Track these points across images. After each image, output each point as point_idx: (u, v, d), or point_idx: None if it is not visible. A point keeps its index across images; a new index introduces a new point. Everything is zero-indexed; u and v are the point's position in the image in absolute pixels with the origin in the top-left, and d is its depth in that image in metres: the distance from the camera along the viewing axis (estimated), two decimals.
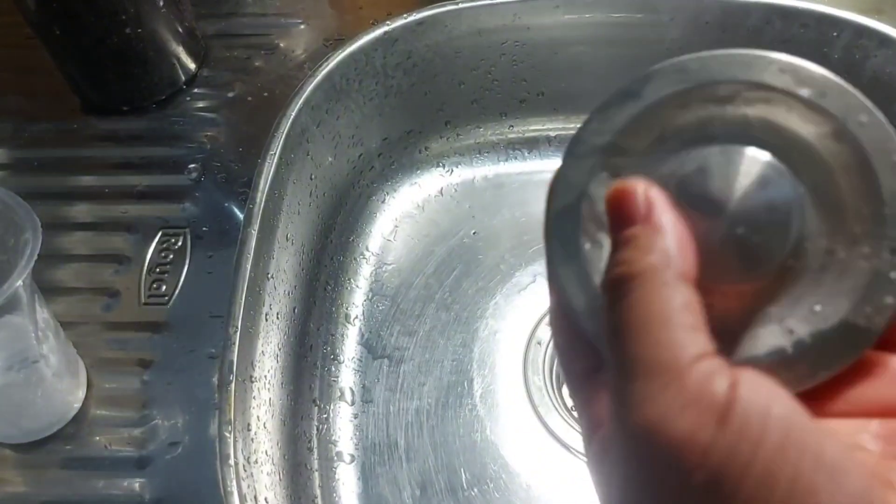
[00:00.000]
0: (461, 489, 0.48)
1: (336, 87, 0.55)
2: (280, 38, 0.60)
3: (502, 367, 0.53)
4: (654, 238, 0.18)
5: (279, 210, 0.49)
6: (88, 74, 0.55)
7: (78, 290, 0.47)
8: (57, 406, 0.41)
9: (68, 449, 0.41)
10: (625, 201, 0.19)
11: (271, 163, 0.48)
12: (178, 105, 0.56)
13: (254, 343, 0.44)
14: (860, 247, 0.19)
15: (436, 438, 0.50)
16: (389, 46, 0.56)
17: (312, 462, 0.49)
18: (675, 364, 0.16)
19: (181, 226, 0.49)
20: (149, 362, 0.44)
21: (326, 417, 0.51)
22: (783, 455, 0.15)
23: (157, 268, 0.47)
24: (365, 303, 0.56)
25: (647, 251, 0.18)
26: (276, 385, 0.47)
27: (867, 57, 0.54)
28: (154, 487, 0.40)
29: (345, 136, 0.57)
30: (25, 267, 0.34)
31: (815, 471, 0.15)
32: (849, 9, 0.54)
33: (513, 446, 0.49)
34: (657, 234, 0.18)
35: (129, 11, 0.51)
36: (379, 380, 0.53)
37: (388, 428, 0.51)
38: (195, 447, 0.41)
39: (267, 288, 0.46)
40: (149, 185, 0.52)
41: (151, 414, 0.42)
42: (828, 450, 0.16)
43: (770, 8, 0.55)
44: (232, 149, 0.53)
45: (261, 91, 0.56)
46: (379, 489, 0.49)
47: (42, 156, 0.54)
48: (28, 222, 0.35)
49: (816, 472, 0.15)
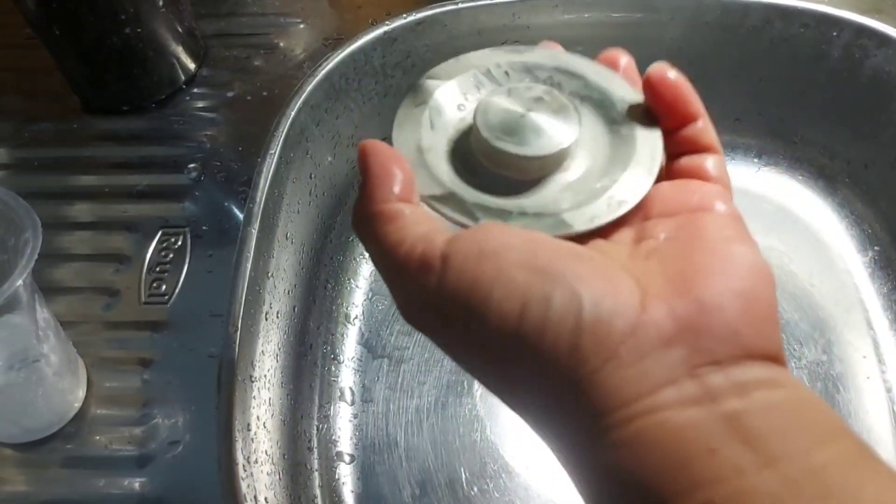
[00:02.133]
0: (461, 488, 0.48)
1: (335, 87, 0.55)
2: (279, 38, 0.60)
3: None
4: (384, 181, 0.25)
5: (279, 209, 0.49)
6: (88, 74, 0.55)
7: (78, 290, 0.47)
8: (57, 405, 0.41)
9: (69, 448, 0.41)
10: (362, 152, 0.26)
11: (271, 162, 0.48)
12: (177, 105, 0.56)
13: (254, 343, 0.44)
14: (604, 179, 0.26)
15: (436, 438, 0.50)
16: (389, 46, 0.56)
17: (312, 462, 0.49)
18: (405, 239, 0.23)
19: (181, 225, 0.49)
20: (149, 361, 0.44)
21: (326, 417, 0.51)
22: (495, 273, 0.21)
23: (157, 267, 0.47)
24: (365, 302, 0.56)
25: (381, 192, 0.25)
26: (276, 385, 0.47)
27: (867, 57, 0.54)
28: (154, 486, 0.40)
29: (344, 135, 0.57)
30: (26, 266, 0.34)
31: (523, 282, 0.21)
32: (849, 8, 0.54)
33: (513, 446, 0.49)
34: (387, 177, 0.25)
35: (129, 11, 0.51)
36: (379, 379, 0.53)
37: (388, 427, 0.51)
38: (195, 446, 0.41)
39: (267, 287, 0.46)
40: (149, 184, 0.52)
41: (152, 413, 0.42)
42: (530, 251, 0.22)
43: (770, 7, 0.55)
44: (231, 148, 0.53)
45: (260, 91, 0.56)
46: (379, 489, 0.49)
47: (42, 156, 0.54)
48: (28, 222, 0.35)
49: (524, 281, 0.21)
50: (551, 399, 0.21)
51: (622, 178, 0.26)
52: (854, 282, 0.56)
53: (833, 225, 0.59)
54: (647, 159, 0.26)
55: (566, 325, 0.20)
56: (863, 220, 0.58)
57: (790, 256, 0.56)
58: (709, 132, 0.27)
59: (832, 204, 0.59)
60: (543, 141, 0.26)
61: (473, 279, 0.21)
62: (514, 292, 0.21)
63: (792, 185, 0.60)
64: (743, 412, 0.19)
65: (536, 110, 0.27)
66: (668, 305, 0.20)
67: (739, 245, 0.23)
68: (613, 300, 0.20)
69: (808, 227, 0.58)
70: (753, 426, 0.19)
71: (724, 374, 0.20)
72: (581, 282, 0.21)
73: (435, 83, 0.29)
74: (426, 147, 0.27)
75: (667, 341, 0.20)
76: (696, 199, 0.25)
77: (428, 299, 0.22)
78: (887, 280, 0.55)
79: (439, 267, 0.22)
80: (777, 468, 0.18)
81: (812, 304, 0.54)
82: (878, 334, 0.54)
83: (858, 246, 0.57)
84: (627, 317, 0.20)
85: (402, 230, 0.24)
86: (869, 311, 0.55)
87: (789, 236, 0.58)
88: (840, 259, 0.57)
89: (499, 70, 0.29)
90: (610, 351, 0.20)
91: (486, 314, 0.21)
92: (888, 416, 0.50)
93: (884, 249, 0.57)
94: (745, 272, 0.22)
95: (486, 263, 0.21)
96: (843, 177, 0.59)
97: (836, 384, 0.51)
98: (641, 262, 0.23)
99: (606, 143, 0.27)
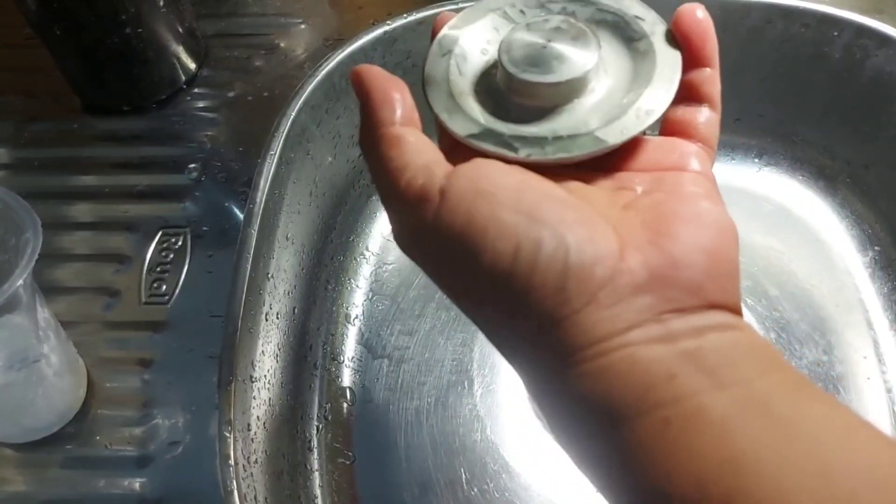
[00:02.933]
0: (461, 489, 0.48)
1: (336, 87, 0.55)
2: (280, 38, 0.60)
3: (502, 366, 0.53)
4: (385, 105, 0.26)
5: (279, 210, 0.49)
6: (88, 74, 0.55)
7: (78, 290, 0.47)
8: (57, 405, 0.41)
9: (69, 448, 0.41)
10: (357, 77, 0.27)
11: (271, 162, 0.48)
12: (178, 105, 0.56)
13: (254, 343, 0.44)
14: (625, 102, 0.27)
15: (436, 438, 0.50)
16: (389, 46, 0.56)
17: (312, 462, 0.49)
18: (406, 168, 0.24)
19: (181, 225, 0.49)
20: (149, 362, 0.44)
21: (326, 417, 0.51)
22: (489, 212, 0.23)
23: (157, 267, 0.47)
24: (365, 302, 0.56)
25: (383, 114, 0.26)
26: (276, 385, 0.47)
27: (867, 57, 0.54)
28: (154, 487, 0.40)
29: (345, 135, 0.57)
30: (26, 267, 0.34)
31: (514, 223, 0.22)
32: (849, 9, 0.54)
33: (513, 446, 0.50)
34: (387, 101, 0.26)
35: (129, 11, 0.51)
36: (379, 379, 0.53)
37: (388, 427, 0.51)
38: (195, 447, 0.41)
39: (267, 288, 0.46)
40: (149, 184, 0.52)
41: (152, 413, 0.42)
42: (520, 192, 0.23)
43: (770, 7, 0.55)
44: (232, 148, 0.53)
45: (261, 91, 0.56)
46: (379, 489, 0.49)
47: (42, 156, 0.54)
48: (28, 222, 0.35)
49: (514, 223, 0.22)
50: (531, 334, 0.23)
51: (646, 91, 0.27)
52: (854, 282, 0.56)
53: (833, 225, 0.59)
54: (668, 69, 0.28)
55: (555, 268, 0.22)
56: (863, 220, 0.58)
57: (790, 256, 0.56)
58: (714, 84, 0.28)
59: (832, 204, 0.59)
60: (567, 66, 0.27)
61: (468, 217, 0.23)
62: (507, 234, 0.22)
63: (792, 186, 0.60)
64: (699, 348, 0.22)
65: (556, 40, 0.28)
66: (642, 256, 0.22)
67: (708, 203, 0.24)
68: (595, 247, 0.22)
69: (808, 227, 0.58)
70: (708, 359, 0.21)
71: (686, 320, 0.22)
72: (567, 228, 0.22)
73: (456, 33, 0.30)
74: (457, 92, 0.28)
75: (638, 288, 0.22)
76: (674, 158, 0.26)
77: (423, 231, 0.24)
78: (887, 280, 0.55)
79: (437, 201, 0.23)
80: (727, 391, 0.21)
81: (812, 304, 0.54)
82: (878, 334, 0.54)
83: (858, 246, 0.57)
84: (607, 264, 0.22)
85: (404, 156, 0.25)
86: (869, 311, 0.55)
87: (789, 236, 0.58)
88: (840, 259, 0.57)
89: (514, 10, 0.31)
90: (590, 294, 0.22)
91: (481, 252, 0.22)
92: (888, 416, 0.50)
93: (884, 249, 0.57)
94: (713, 230, 0.24)
95: (481, 202, 0.23)
96: (843, 177, 0.59)
97: (837, 385, 0.51)
98: (619, 212, 0.24)
99: (627, 61, 0.29)
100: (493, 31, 0.30)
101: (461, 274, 0.24)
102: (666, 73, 0.28)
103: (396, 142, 0.25)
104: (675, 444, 0.21)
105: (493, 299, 0.23)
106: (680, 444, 0.21)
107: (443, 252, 0.24)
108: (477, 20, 0.31)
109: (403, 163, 0.25)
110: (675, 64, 0.28)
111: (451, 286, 0.25)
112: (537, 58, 0.27)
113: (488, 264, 0.22)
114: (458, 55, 0.30)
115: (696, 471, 0.20)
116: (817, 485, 0.19)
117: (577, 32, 0.28)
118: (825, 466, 0.20)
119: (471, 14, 0.31)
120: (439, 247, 0.24)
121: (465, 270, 0.23)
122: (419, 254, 0.25)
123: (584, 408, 0.22)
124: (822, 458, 0.20)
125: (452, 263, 0.24)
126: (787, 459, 0.20)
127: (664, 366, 0.21)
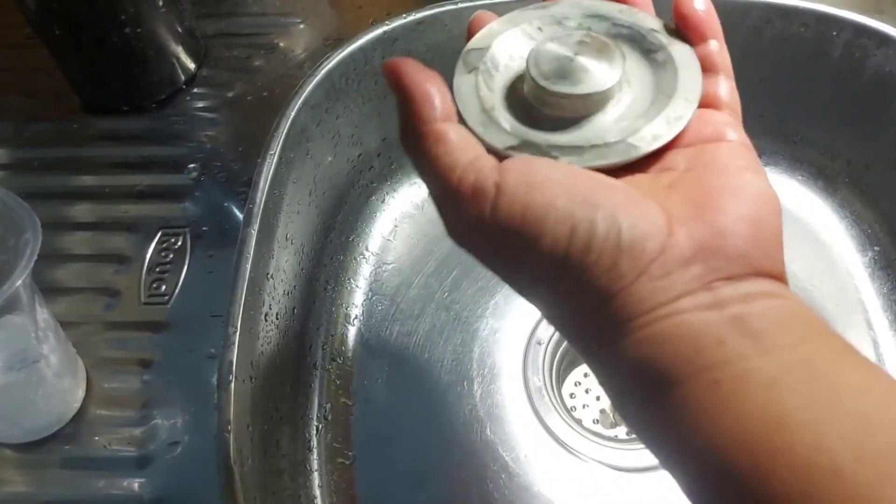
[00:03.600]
0: (461, 489, 0.48)
1: (336, 87, 0.55)
2: (280, 38, 0.60)
3: (502, 366, 0.53)
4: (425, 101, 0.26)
5: (279, 210, 0.49)
6: (88, 74, 0.55)
7: (78, 290, 0.47)
8: (57, 406, 0.41)
9: (68, 449, 0.41)
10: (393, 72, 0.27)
11: (271, 162, 0.48)
12: (177, 105, 0.56)
13: (254, 343, 0.44)
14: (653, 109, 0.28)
15: (435, 438, 0.50)
16: (389, 46, 0.56)
17: (312, 462, 0.49)
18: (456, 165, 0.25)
19: (181, 225, 0.49)
20: (149, 362, 0.44)
21: (326, 417, 0.51)
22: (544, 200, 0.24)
23: (157, 267, 0.47)
24: (365, 303, 0.56)
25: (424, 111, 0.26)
26: (277, 385, 0.47)
27: (867, 56, 0.54)
28: (154, 487, 0.40)
29: (344, 135, 0.57)
30: (25, 267, 0.34)
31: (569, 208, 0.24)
32: (849, 8, 0.54)
33: (513, 446, 0.49)
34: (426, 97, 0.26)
35: (129, 11, 0.51)
36: (379, 380, 0.53)
37: (388, 427, 0.51)
38: (195, 447, 0.41)
39: (266, 288, 0.46)
40: (149, 184, 0.52)
41: (151, 414, 0.42)
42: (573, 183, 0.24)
43: (770, 7, 0.55)
44: (232, 148, 0.53)
45: (260, 91, 0.56)
46: (379, 489, 0.49)
47: (42, 156, 0.54)
48: (28, 222, 0.35)
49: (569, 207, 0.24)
50: (587, 310, 0.24)
51: (672, 99, 0.28)
52: (854, 282, 0.56)
53: (833, 225, 0.59)
54: (690, 75, 0.29)
55: (608, 247, 0.23)
56: (863, 220, 0.58)
57: (790, 256, 0.55)
58: (724, 54, 0.29)
59: (832, 204, 0.59)
60: (595, 78, 0.28)
61: (525, 208, 0.24)
62: (563, 219, 0.24)
63: (792, 185, 0.60)
64: (747, 314, 0.23)
65: (582, 53, 0.29)
66: (688, 230, 0.24)
67: (750, 174, 0.26)
68: (645, 225, 0.23)
69: (808, 227, 0.58)
70: (754, 324, 0.22)
71: (734, 287, 0.23)
72: (618, 209, 0.24)
73: (479, 52, 0.31)
74: (489, 107, 0.29)
75: (687, 260, 0.23)
76: (710, 130, 0.27)
77: (480, 224, 0.25)
78: (887, 280, 0.55)
79: (493, 195, 0.24)
80: (773, 356, 0.22)
81: (812, 304, 0.54)
82: (877, 334, 0.54)
83: (858, 246, 0.57)
84: (657, 239, 0.23)
85: (451, 154, 0.26)
86: (869, 311, 0.55)
87: (789, 236, 0.57)
88: (840, 259, 0.57)
89: (532, 27, 0.32)
90: (642, 268, 0.23)
91: (540, 238, 0.24)
92: None
93: (884, 249, 0.57)
94: (755, 200, 0.25)
95: (535, 193, 0.24)
96: (843, 177, 0.59)
97: None
98: (663, 191, 0.26)
99: (648, 72, 0.30)
100: (515, 48, 0.31)
101: (518, 260, 0.25)
102: (688, 77, 0.29)
103: (441, 139, 0.26)
104: (724, 404, 0.22)
105: (550, 280, 0.24)
106: (729, 404, 0.22)
107: (501, 242, 0.25)
108: (498, 36, 0.32)
109: (452, 160, 0.26)
110: (695, 66, 0.29)
111: (507, 272, 0.26)
112: (566, 70, 0.29)
113: (546, 249, 0.24)
114: (484, 71, 0.31)
115: (743, 429, 0.21)
116: (859, 439, 0.20)
117: (600, 45, 0.29)
118: (867, 423, 0.21)
119: (489, 34, 0.32)
120: (498, 237, 0.25)
121: (523, 257, 0.24)
122: (475, 246, 0.26)
123: (639, 374, 0.23)
124: (865, 415, 0.21)
125: (510, 251, 0.25)
126: (830, 415, 0.21)
127: (713, 330, 0.22)
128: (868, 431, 0.21)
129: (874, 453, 0.20)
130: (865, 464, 0.20)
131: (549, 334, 0.54)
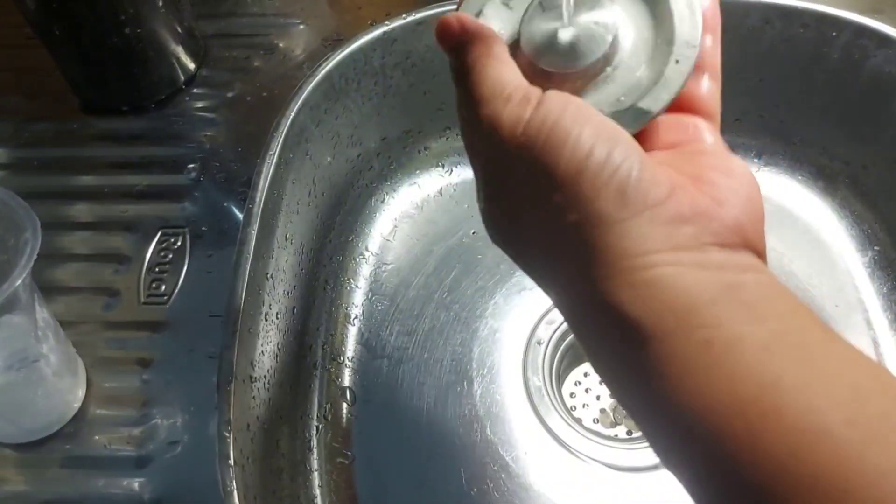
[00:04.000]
0: (461, 489, 0.48)
1: (335, 87, 0.55)
2: (279, 38, 0.60)
3: (502, 366, 0.53)
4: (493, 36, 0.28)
5: (278, 210, 0.49)
6: (88, 74, 0.55)
7: (78, 290, 0.47)
8: (57, 405, 0.41)
9: (68, 448, 0.41)
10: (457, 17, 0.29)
11: (270, 162, 0.49)
12: (177, 105, 0.56)
13: (254, 343, 0.44)
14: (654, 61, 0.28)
15: (435, 438, 0.50)
16: (388, 46, 0.56)
17: (312, 462, 0.49)
18: (505, 84, 0.27)
19: (180, 225, 0.49)
20: (148, 362, 0.44)
21: (326, 417, 0.51)
22: (573, 122, 0.25)
23: (156, 267, 0.47)
24: (364, 303, 0.56)
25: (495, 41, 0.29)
26: (276, 385, 0.47)
27: (867, 57, 0.54)
28: (154, 487, 0.40)
29: (344, 135, 0.57)
30: (25, 266, 0.34)
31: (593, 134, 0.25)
32: (849, 9, 0.54)
33: (512, 446, 0.50)
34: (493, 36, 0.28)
35: (129, 11, 0.51)
36: (379, 380, 0.53)
37: (388, 428, 0.51)
38: (195, 447, 0.41)
39: (266, 288, 0.46)
40: (148, 184, 0.52)
41: (151, 413, 0.42)
42: (602, 120, 0.26)
43: (770, 8, 0.55)
44: (231, 148, 0.53)
45: (260, 91, 0.56)
46: (379, 489, 0.49)
47: (42, 156, 0.54)
48: (28, 222, 0.35)
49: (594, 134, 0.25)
50: (589, 235, 0.25)
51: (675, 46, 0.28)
52: (854, 282, 0.56)
53: (833, 225, 0.59)
54: (688, 14, 0.29)
55: (620, 175, 0.24)
56: (863, 220, 0.58)
57: (790, 256, 0.56)
58: (715, 52, 0.30)
59: (832, 204, 0.59)
60: (590, 45, 0.29)
61: (555, 122, 0.25)
62: (585, 140, 0.25)
63: (792, 186, 0.60)
64: (740, 283, 0.23)
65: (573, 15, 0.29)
66: (688, 194, 0.25)
67: (735, 158, 0.27)
68: (655, 173, 0.25)
69: (808, 227, 0.58)
70: (748, 293, 0.23)
71: (726, 254, 0.24)
72: (635, 152, 0.25)
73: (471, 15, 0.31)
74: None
75: (686, 219, 0.24)
76: (689, 133, 0.29)
77: (515, 128, 0.26)
78: (887, 280, 0.56)
79: (535, 104, 0.26)
80: (765, 323, 0.23)
81: (812, 305, 0.54)
82: (877, 334, 0.54)
83: (858, 246, 0.57)
84: (663, 189, 0.24)
85: (515, 71, 0.28)
86: (869, 311, 0.55)
87: (789, 236, 0.58)
88: (840, 259, 0.57)
89: None
90: (647, 206, 0.24)
91: (560, 149, 0.25)
92: None
93: (884, 249, 0.57)
94: (744, 178, 0.26)
95: (567, 115, 0.25)
96: (842, 177, 0.59)
97: None
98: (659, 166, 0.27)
99: (647, 18, 0.29)
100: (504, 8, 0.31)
101: (533, 177, 0.26)
102: (686, 19, 0.29)
103: (508, 61, 0.28)
104: (715, 364, 0.22)
105: (561, 202, 0.25)
106: (721, 364, 0.22)
107: (522, 153, 0.26)
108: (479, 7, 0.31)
109: (514, 75, 0.28)
110: (694, 6, 0.29)
111: (515, 198, 0.27)
112: (557, 43, 0.29)
113: (563, 163, 0.25)
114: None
115: (734, 390, 0.22)
116: (851, 404, 0.21)
117: (592, 2, 0.29)
118: (860, 389, 0.21)
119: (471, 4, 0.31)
120: (525, 147, 0.26)
121: (538, 173, 0.25)
122: (503, 158, 0.27)
123: (628, 319, 0.23)
124: (857, 383, 0.22)
125: (527, 165, 0.26)
126: (822, 381, 0.21)
127: (707, 291, 0.23)
128: (860, 397, 0.21)
129: (865, 417, 0.21)
130: (855, 427, 0.20)
131: (548, 334, 0.54)
